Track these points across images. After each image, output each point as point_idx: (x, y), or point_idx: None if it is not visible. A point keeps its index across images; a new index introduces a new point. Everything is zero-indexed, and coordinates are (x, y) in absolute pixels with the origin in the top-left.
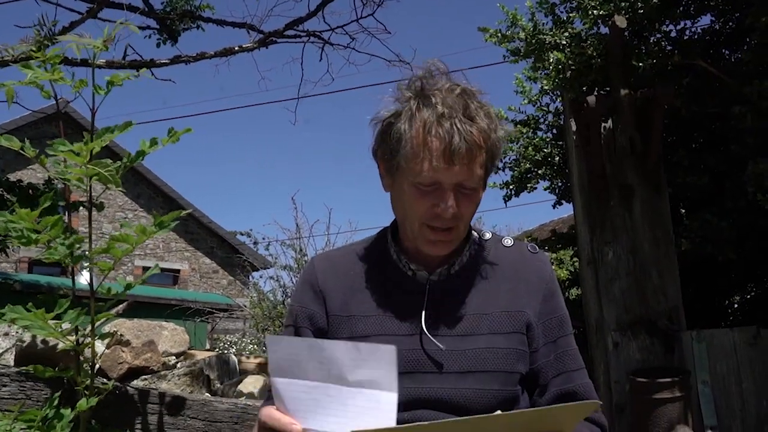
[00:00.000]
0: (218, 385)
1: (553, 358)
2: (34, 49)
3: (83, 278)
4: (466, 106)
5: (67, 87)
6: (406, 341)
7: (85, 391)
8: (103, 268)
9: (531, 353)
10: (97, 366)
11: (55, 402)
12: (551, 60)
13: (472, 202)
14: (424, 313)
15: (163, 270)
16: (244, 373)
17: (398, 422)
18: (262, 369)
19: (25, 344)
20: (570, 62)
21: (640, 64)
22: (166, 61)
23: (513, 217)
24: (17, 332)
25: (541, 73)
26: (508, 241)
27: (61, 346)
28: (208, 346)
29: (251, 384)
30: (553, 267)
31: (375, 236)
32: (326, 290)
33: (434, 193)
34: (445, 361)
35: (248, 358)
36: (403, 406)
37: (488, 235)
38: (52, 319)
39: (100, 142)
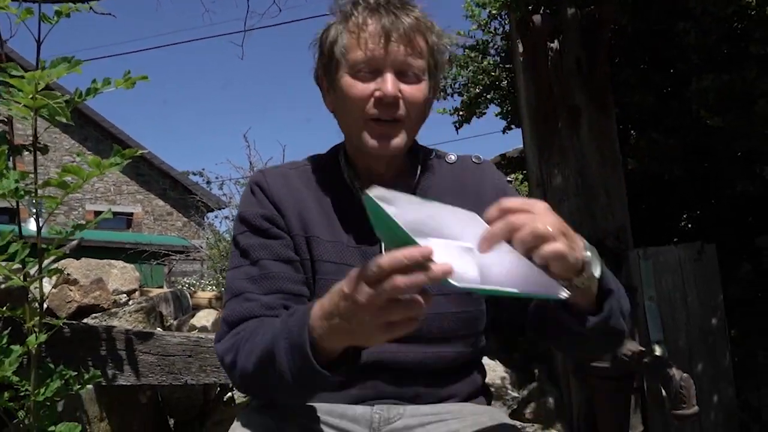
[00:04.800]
0: (171, 321)
1: None
2: None
3: (32, 225)
4: (402, 2)
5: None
6: None
7: (35, 329)
8: (50, 203)
9: None
10: (45, 306)
11: (4, 340)
12: None
13: (417, 91)
14: (382, 244)
15: (115, 214)
16: (198, 308)
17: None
18: (215, 303)
19: None
20: None
21: None
22: None
23: (468, 148)
24: None
25: None
26: (452, 157)
27: (6, 283)
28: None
29: (204, 318)
30: None
31: (327, 155)
32: (282, 207)
33: (374, 79)
34: None
35: (204, 290)
36: None
37: (433, 153)
38: None
39: (55, 73)
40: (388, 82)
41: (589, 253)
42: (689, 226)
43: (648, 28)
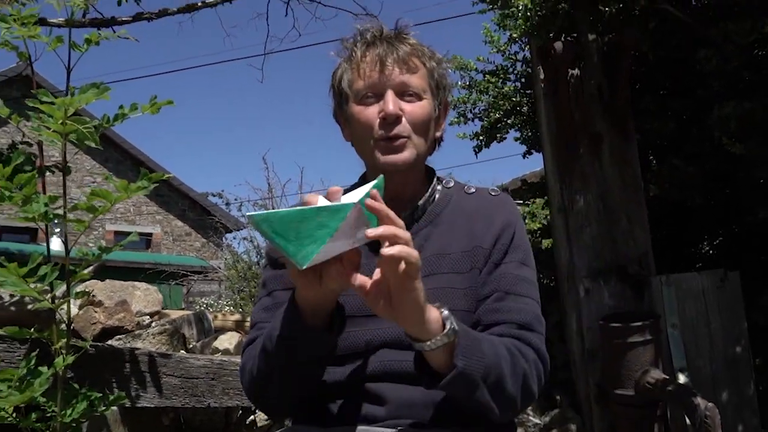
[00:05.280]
0: (194, 344)
1: (487, 280)
2: (9, 8)
3: (56, 244)
4: (400, 32)
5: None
6: None
7: (62, 351)
8: (78, 226)
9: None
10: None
11: (32, 361)
12: (519, 7)
13: (419, 108)
14: None
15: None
16: (220, 330)
17: (364, 363)
18: (237, 326)
19: None
20: (537, 8)
21: (607, 8)
22: (128, 18)
23: (486, 171)
24: None
25: (510, 22)
26: (471, 189)
27: (35, 305)
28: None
29: (227, 340)
30: (526, 221)
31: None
32: None
33: (377, 103)
34: None
35: (224, 315)
36: (366, 347)
37: (451, 183)
38: (25, 275)
39: (84, 99)
40: (389, 101)
41: (445, 312)
42: (711, 252)
43: (669, 55)
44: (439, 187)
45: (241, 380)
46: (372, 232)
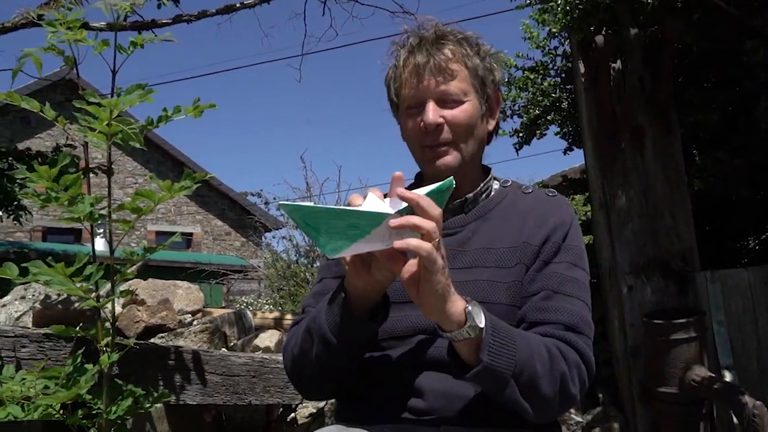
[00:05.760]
0: (235, 342)
1: (536, 277)
2: (56, 13)
3: (99, 244)
4: (439, 37)
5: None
6: None
7: (107, 348)
8: (123, 226)
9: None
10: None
11: (78, 359)
12: (559, 1)
13: (460, 113)
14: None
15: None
16: (260, 328)
17: (403, 349)
18: (277, 324)
19: (43, 306)
20: (577, 2)
21: (649, 1)
22: (168, 21)
23: (525, 167)
24: (33, 295)
25: (549, 17)
26: (529, 189)
27: (80, 304)
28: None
29: (267, 338)
30: None
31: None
32: None
33: (420, 114)
34: None
35: (264, 313)
36: (403, 333)
37: (509, 182)
38: (72, 275)
39: (129, 101)
40: (428, 112)
41: (469, 307)
42: (757, 247)
43: (713, 47)
44: (496, 185)
45: (284, 359)
46: (394, 222)
